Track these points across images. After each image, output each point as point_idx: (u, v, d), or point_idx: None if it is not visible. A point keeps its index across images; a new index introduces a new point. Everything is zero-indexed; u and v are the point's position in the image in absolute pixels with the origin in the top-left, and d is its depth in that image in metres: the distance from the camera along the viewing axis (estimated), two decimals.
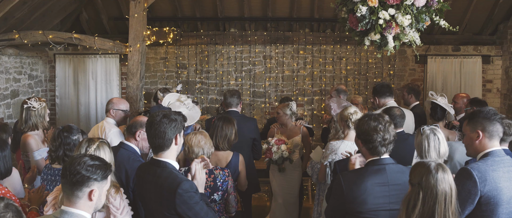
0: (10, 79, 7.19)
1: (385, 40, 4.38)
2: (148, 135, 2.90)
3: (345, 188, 2.86)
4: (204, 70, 8.35)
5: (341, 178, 2.93)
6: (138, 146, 3.70)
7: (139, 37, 6.46)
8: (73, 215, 2.26)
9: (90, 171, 2.26)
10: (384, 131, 2.86)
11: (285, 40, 8.27)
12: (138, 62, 6.49)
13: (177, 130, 2.88)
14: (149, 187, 2.91)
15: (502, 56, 8.17)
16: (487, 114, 2.97)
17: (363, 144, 2.94)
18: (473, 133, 3.00)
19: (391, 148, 2.92)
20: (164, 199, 2.82)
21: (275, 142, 5.31)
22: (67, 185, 2.28)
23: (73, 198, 2.27)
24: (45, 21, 7.31)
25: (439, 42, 8.25)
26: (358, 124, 2.99)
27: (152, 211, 2.95)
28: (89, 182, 2.26)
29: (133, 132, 3.66)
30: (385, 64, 8.28)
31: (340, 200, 2.89)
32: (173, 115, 2.90)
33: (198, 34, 8.29)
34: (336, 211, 2.97)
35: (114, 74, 8.25)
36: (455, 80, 8.19)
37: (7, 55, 7.11)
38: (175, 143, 2.89)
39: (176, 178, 2.81)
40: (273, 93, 8.35)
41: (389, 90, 5.32)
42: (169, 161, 2.89)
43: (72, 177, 2.24)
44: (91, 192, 2.28)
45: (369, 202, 2.79)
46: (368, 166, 2.94)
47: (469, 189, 2.82)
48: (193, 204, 2.80)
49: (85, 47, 8.18)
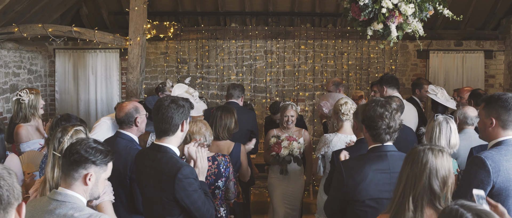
0: (9, 73, 7.15)
1: (388, 30, 4.32)
2: (155, 119, 2.86)
3: (346, 175, 2.79)
4: (204, 65, 8.30)
5: (341, 165, 2.86)
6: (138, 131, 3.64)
7: (139, 31, 6.41)
8: (67, 196, 2.20)
9: (89, 152, 2.20)
10: (390, 118, 2.77)
11: (286, 35, 8.22)
12: (138, 56, 6.45)
13: (184, 116, 2.84)
14: (148, 172, 2.86)
15: (505, 51, 8.11)
16: (505, 102, 2.79)
17: (367, 130, 2.86)
18: (487, 119, 2.86)
19: (395, 136, 2.84)
20: (163, 184, 2.77)
21: (286, 138, 4.95)
22: (65, 165, 2.23)
23: (69, 179, 2.22)
24: (44, 16, 7.26)
25: (441, 37, 8.19)
26: (364, 109, 2.90)
27: (150, 197, 2.90)
28: (86, 163, 2.21)
29: (131, 121, 3.59)
30: (387, 59, 8.23)
31: (341, 189, 2.82)
32: (181, 100, 2.86)
33: (198, 29, 8.24)
34: (336, 202, 2.88)
35: (114, 69, 8.20)
36: (457, 75, 8.13)
37: (7, 49, 7.07)
38: (181, 129, 2.85)
39: (177, 163, 2.76)
40: (274, 89, 8.30)
41: (397, 83, 5.29)
42: (170, 146, 2.84)
43: (71, 156, 2.20)
44: (86, 175, 2.22)
45: (370, 189, 2.71)
46: (369, 153, 2.87)
47: (481, 178, 2.70)
48: (191, 192, 2.75)
49: (85, 42, 8.14)
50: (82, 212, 2.16)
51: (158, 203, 2.86)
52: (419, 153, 2.18)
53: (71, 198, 2.20)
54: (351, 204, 2.81)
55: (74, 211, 2.16)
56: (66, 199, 2.20)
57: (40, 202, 2.28)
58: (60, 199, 2.20)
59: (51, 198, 2.23)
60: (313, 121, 8.31)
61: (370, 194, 2.72)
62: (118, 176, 3.32)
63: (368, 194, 2.72)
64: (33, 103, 4.58)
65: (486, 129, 2.88)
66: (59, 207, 2.18)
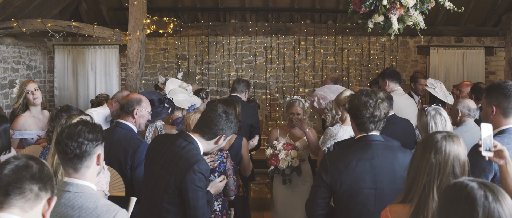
0: (8, 69, 7.12)
1: (389, 22, 4.31)
2: (201, 117, 2.98)
3: (330, 164, 2.76)
4: (204, 61, 8.28)
5: (326, 155, 2.84)
6: (135, 124, 3.63)
7: (138, 25, 6.39)
8: (79, 186, 2.16)
9: (93, 138, 2.18)
10: (374, 107, 2.74)
11: (286, 31, 8.19)
12: (137, 51, 6.42)
13: (225, 132, 2.94)
14: (166, 154, 2.86)
15: (505, 48, 8.09)
16: (505, 89, 2.80)
17: (352, 119, 2.85)
18: (489, 107, 2.86)
19: (381, 126, 2.81)
20: (177, 169, 2.76)
21: (283, 146, 4.44)
22: (74, 159, 2.15)
23: (82, 169, 2.17)
24: (43, 11, 7.23)
25: (442, 34, 8.17)
26: (350, 99, 2.90)
27: (155, 179, 2.87)
28: (95, 148, 2.19)
29: (130, 110, 3.59)
30: (387, 55, 8.21)
31: (324, 181, 2.77)
32: (232, 116, 2.98)
33: (198, 25, 8.21)
34: (320, 197, 2.81)
35: (113, 65, 8.17)
36: (457, 71, 8.11)
37: (6, 45, 7.04)
38: (216, 140, 2.95)
39: (198, 156, 2.80)
40: (274, 85, 8.28)
41: (399, 77, 5.28)
42: (200, 144, 2.90)
43: (79, 150, 2.14)
44: (98, 156, 2.23)
45: (354, 179, 2.68)
46: (356, 142, 2.85)
47: (483, 167, 2.70)
48: (198, 188, 2.75)
49: (85, 38, 8.12)
50: (100, 203, 2.14)
51: (161, 188, 2.83)
52: (440, 142, 2.12)
53: (83, 188, 2.16)
54: (336, 197, 2.78)
55: (91, 202, 2.13)
56: (79, 189, 2.15)
57: None
58: (72, 190, 2.15)
59: (63, 190, 2.16)
60: (313, 117, 8.28)
61: (354, 184, 2.69)
62: (119, 166, 3.30)
63: (352, 184, 2.70)
64: (20, 93, 4.61)
65: (488, 117, 2.87)
66: (74, 199, 2.14)
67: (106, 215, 2.07)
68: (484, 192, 1.48)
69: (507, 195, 1.51)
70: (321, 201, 2.81)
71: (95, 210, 2.08)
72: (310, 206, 2.87)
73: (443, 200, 1.58)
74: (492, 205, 1.45)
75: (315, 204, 2.83)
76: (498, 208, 1.45)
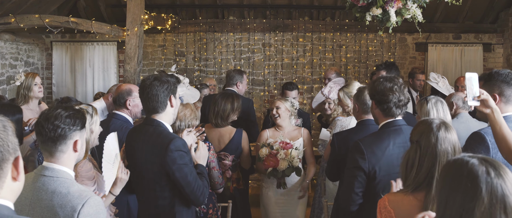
0: (6, 65, 7.10)
1: (387, 15, 4.30)
2: (142, 100, 2.84)
3: (367, 151, 2.71)
4: (202, 58, 8.27)
5: (359, 143, 2.78)
6: (130, 114, 3.65)
7: (136, 21, 6.38)
8: (54, 171, 2.12)
9: (70, 122, 2.13)
10: (399, 92, 2.78)
11: (284, 28, 8.19)
12: (135, 46, 6.41)
13: (171, 92, 2.80)
14: (140, 146, 2.83)
15: (503, 44, 8.10)
16: (506, 77, 2.81)
17: (377, 105, 2.84)
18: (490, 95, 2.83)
19: (404, 111, 2.85)
20: (155, 157, 2.74)
21: (280, 145, 4.05)
22: (48, 142, 2.13)
23: (56, 153, 2.13)
24: (41, 7, 7.22)
25: (440, 30, 8.18)
26: (373, 85, 2.89)
27: (141, 171, 2.86)
28: (72, 133, 2.14)
29: (122, 102, 3.60)
30: (385, 52, 8.21)
31: (362, 169, 2.73)
32: (164, 77, 2.83)
33: (196, 21, 8.20)
34: (358, 186, 2.75)
35: (111, 62, 8.16)
36: (456, 68, 8.12)
37: (3, 41, 7.02)
38: (170, 105, 2.81)
39: (169, 135, 2.75)
40: (272, 81, 8.27)
41: (397, 69, 5.28)
42: (163, 122, 2.82)
43: (53, 132, 2.10)
44: (75, 142, 2.16)
45: (392, 164, 2.67)
46: (384, 128, 2.83)
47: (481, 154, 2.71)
48: (182, 165, 2.71)
49: (83, 35, 8.11)
50: (73, 188, 2.09)
51: (148, 179, 2.82)
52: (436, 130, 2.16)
53: (59, 172, 2.13)
54: (373, 183, 2.74)
55: (64, 187, 2.09)
56: (54, 174, 2.12)
57: (27, 178, 2.18)
58: (48, 174, 2.12)
59: (39, 173, 2.14)
60: (311, 114, 8.27)
61: (394, 169, 2.66)
62: None
63: (392, 169, 2.68)
64: (27, 84, 4.62)
65: None
66: (47, 183, 2.10)
67: (77, 201, 2.02)
68: (485, 168, 1.45)
69: (508, 170, 1.49)
70: (359, 190, 2.77)
71: (67, 195, 2.05)
72: (347, 197, 2.80)
73: (444, 178, 1.55)
74: (495, 180, 1.42)
75: (353, 193, 2.77)
76: (501, 183, 1.42)
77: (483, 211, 1.41)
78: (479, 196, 1.41)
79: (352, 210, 2.82)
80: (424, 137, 2.15)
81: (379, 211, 2.14)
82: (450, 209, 1.47)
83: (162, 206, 2.82)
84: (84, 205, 2.01)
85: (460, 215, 1.44)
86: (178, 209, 2.82)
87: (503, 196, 1.41)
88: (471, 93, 2.52)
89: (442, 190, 1.53)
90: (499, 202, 1.41)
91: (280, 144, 4.04)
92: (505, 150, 2.52)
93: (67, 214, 2.01)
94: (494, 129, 2.53)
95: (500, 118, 2.52)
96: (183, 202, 2.83)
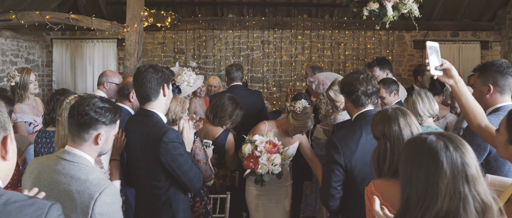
0: (6, 61, 7.15)
1: (384, 10, 4.34)
2: (135, 86, 2.86)
3: (341, 145, 2.73)
4: (202, 55, 8.32)
5: (332, 137, 2.82)
6: (132, 107, 3.68)
7: (136, 18, 6.42)
8: (76, 156, 2.15)
9: (99, 113, 2.14)
10: (366, 81, 2.83)
11: (283, 25, 8.24)
12: (135, 43, 6.45)
13: (164, 81, 2.82)
14: (135, 136, 2.86)
15: (501, 42, 8.15)
16: (500, 67, 2.80)
17: (347, 98, 2.90)
18: (484, 86, 2.84)
19: (374, 100, 2.88)
20: (149, 148, 2.77)
21: (265, 148, 3.65)
22: (74, 126, 2.15)
23: (78, 139, 2.16)
24: (42, 5, 7.26)
25: (438, 28, 8.23)
26: (342, 80, 2.97)
27: (137, 162, 2.90)
28: (97, 124, 2.15)
29: (126, 94, 3.65)
30: (384, 50, 8.26)
31: (337, 163, 2.74)
32: (159, 66, 2.86)
33: (196, 19, 8.25)
34: (335, 180, 2.76)
35: (111, 59, 8.20)
36: (453, 66, 8.14)
37: (4, 37, 7.07)
38: (163, 94, 2.84)
39: (163, 127, 2.77)
40: (271, 79, 8.32)
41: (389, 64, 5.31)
42: (157, 112, 2.85)
43: (80, 117, 2.12)
44: (98, 135, 2.16)
45: (367, 155, 2.62)
46: (356, 120, 2.87)
47: (478, 143, 2.72)
48: (177, 155, 2.74)
49: (83, 32, 8.15)
50: (92, 175, 2.11)
51: (144, 168, 2.86)
52: (395, 117, 2.26)
53: (79, 158, 2.15)
54: (351, 180, 2.75)
55: (83, 173, 2.10)
56: (75, 159, 2.14)
57: (47, 160, 2.23)
58: (69, 159, 2.15)
59: (60, 157, 2.17)
60: None
61: (366, 160, 2.65)
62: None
63: (365, 160, 2.68)
64: (23, 83, 4.61)
65: (483, 97, 2.85)
66: (68, 167, 2.12)
67: (95, 188, 2.05)
68: (444, 142, 1.52)
69: (465, 142, 1.56)
70: (337, 184, 2.77)
71: (85, 182, 2.07)
72: (325, 192, 2.80)
73: (406, 157, 1.61)
74: (454, 153, 1.50)
75: (331, 188, 2.77)
76: (460, 154, 1.50)
77: (447, 184, 1.48)
78: (441, 170, 1.49)
79: (332, 205, 2.80)
80: (387, 129, 2.22)
81: (367, 198, 2.18)
82: (415, 186, 1.53)
83: (158, 195, 2.86)
84: (101, 193, 2.04)
85: (425, 190, 1.50)
86: (174, 197, 2.86)
87: (463, 167, 1.49)
88: (433, 63, 2.38)
89: (405, 169, 1.59)
90: (461, 172, 1.49)
91: (266, 145, 3.65)
92: (474, 123, 2.46)
93: (84, 201, 2.04)
94: (460, 101, 2.45)
95: (464, 89, 2.43)
96: (179, 190, 2.87)
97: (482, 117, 2.46)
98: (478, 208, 1.48)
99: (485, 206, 1.48)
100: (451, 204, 1.46)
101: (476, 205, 1.47)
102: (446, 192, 1.47)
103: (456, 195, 1.47)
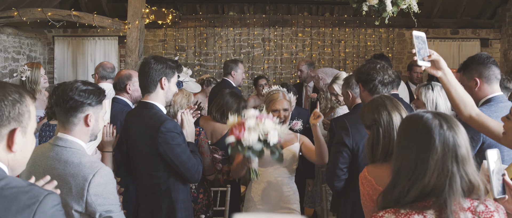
0: (8, 58, 7.19)
1: (383, 5, 4.38)
2: (139, 77, 2.93)
3: (351, 128, 2.84)
4: (203, 53, 8.36)
5: (344, 119, 2.91)
6: (131, 99, 3.74)
7: (138, 14, 6.47)
8: (68, 141, 2.22)
9: (83, 96, 2.20)
10: (383, 71, 2.90)
11: (284, 23, 8.28)
12: (136, 39, 6.50)
13: (163, 73, 2.84)
14: (135, 128, 2.91)
15: (501, 40, 8.18)
16: (480, 59, 2.86)
17: (364, 87, 2.95)
18: (471, 81, 2.88)
19: (390, 90, 2.93)
20: (147, 138, 2.81)
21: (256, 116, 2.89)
22: (62, 113, 2.23)
23: (68, 125, 2.23)
24: (44, 2, 7.30)
25: (438, 26, 8.26)
26: (358, 69, 3.03)
27: (136, 153, 2.94)
28: (83, 107, 2.21)
29: (122, 86, 3.71)
30: (384, 47, 8.29)
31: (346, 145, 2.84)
32: (164, 58, 2.89)
33: (197, 16, 8.29)
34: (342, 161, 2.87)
35: (113, 56, 8.24)
36: (453, 63, 8.18)
37: (6, 34, 7.12)
38: (160, 86, 2.85)
39: (161, 117, 2.81)
40: (271, 76, 8.36)
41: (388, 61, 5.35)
42: (156, 104, 2.88)
43: (66, 103, 2.19)
44: (86, 117, 2.23)
45: None
46: None
47: (471, 135, 2.68)
48: (174, 145, 2.77)
49: (84, 29, 8.19)
50: (84, 159, 2.18)
51: (143, 159, 2.90)
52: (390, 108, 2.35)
53: (72, 143, 2.21)
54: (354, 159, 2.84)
55: (76, 157, 2.18)
56: (67, 144, 2.21)
57: (41, 148, 2.31)
58: (61, 144, 2.21)
59: (53, 144, 2.24)
60: None
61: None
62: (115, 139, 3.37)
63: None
64: (34, 78, 4.68)
65: (472, 91, 2.86)
66: (61, 153, 2.19)
67: (88, 171, 2.12)
68: (439, 121, 1.59)
69: (460, 124, 1.62)
70: (344, 165, 2.88)
71: (78, 165, 2.14)
72: (332, 172, 2.90)
73: (401, 132, 1.69)
74: (447, 132, 1.57)
75: (337, 169, 2.88)
76: (452, 134, 1.57)
77: (437, 160, 1.54)
78: (433, 146, 1.55)
79: (336, 186, 2.93)
80: (377, 115, 2.31)
81: (361, 183, 2.25)
82: (406, 160, 1.60)
83: (158, 185, 2.89)
84: (95, 175, 2.12)
85: (416, 164, 1.57)
86: (173, 187, 2.89)
87: (454, 146, 1.56)
88: (420, 54, 2.27)
89: (400, 143, 1.67)
90: (451, 151, 1.55)
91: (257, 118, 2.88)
92: (464, 113, 2.46)
93: (78, 183, 2.12)
94: (449, 93, 2.44)
95: (454, 80, 2.41)
96: (178, 180, 2.90)
97: (473, 106, 2.48)
98: (465, 187, 1.54)
99: (472, 186, 1.55)
100: (438, 181, 1.53)
101: (463, 184, 1.54)
102: (435, 168, 1.54)
103: (444, 172, 1.53)
